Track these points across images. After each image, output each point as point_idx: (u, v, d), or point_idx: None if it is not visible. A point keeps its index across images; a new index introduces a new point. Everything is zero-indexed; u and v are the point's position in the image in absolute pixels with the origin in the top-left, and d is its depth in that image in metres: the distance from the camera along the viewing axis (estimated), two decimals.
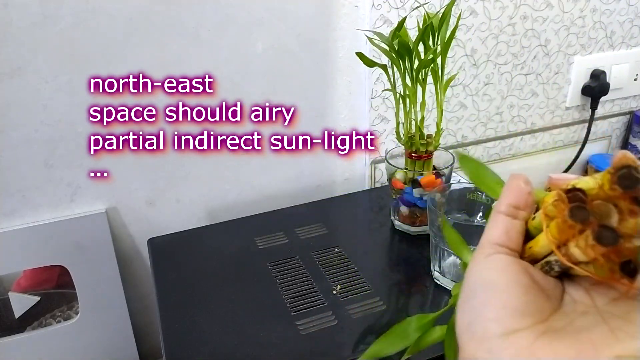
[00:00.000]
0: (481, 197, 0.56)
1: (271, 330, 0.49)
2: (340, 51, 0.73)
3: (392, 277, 0.57)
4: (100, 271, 0.70)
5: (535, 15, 0.81)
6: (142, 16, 0.61)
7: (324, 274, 0.57)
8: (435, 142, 0.60)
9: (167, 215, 0.74)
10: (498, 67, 0.83)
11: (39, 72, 0.60)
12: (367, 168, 0.82)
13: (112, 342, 0.74)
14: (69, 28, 0.59)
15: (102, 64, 0.62)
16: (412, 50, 0.54)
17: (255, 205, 0.78)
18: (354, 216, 0.72)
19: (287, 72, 0.71)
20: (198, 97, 0.68)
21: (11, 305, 0.68)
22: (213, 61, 0.67)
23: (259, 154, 0.75)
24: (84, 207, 0.69)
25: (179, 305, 0.53)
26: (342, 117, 0.77)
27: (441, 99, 0.58)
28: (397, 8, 0.71)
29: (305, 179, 0.80)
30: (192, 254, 0.62)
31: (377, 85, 0.75)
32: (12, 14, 0.56)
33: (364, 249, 0.62)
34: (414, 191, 0.60)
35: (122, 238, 0.73)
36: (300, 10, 0.68)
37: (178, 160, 0.71)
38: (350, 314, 0.51)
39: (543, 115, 0.92)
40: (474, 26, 0.78)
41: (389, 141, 0.80)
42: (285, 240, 0.64)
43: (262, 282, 0.56)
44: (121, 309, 0.73)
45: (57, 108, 0.62)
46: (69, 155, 0.65)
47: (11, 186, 0.64)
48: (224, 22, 0.65)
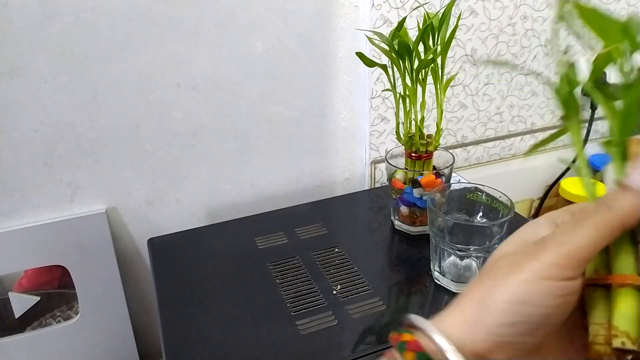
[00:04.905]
0: (481, 197, 0.56)
1: (271, 330, 0.49)
2: (340, 51, 0.73)
3: (392, 277, 0.57)
4: (100, 271, 0.70)
5: (535, 15, 0.81)
6: (142, 16, 0.61)
7: (324, 274, 0.57)
8: (435, 142, 0.60)
9: (167, 215, 0.74)
10: (498, 67, 0.83)
11: (39, 72, 0.60)
12: (367, 168, 0.82)
13: (112, 342, 0.74)
14: (69, 28, 0.59)
15: (102, 64, 0.62)
16: (412, 50, 0.54)
17: (255, 205, 0.78)
18: (354, 216, 0.72)
19: (287, 72, 0.71)
20: (197, 97, 0.68)
21: (11, 305, 0.68)
22: (213, 61, 0.67)
23: (259, 154, 0.75)
24: (84, 207, 0.69)
25: (179, 305, 0.53)
26: (342, 117, 0.77)
27: (441, 99, 0.58)
28: (397, 8, 0.71)
29: (305, 179, 0.80)
30: (192, 254, 0.62)
31: (377, 85, 0.75)
32: (12, 14, 0.56)
33: (364, 249, 0.62)
34: (414, 191, 0.60)
35: (122, 238, 0.73)
36: (301, 10, 0.68)
37: (178, 160, 0.71)
38: (350, 314, 0.51)
39: (543, 115, 0.92)
40: (474, 26, 0.78)
41: (389, 141, 0.80)
42: (285, 240, 0.64)
43: (262, 282, 0.56)
44: (121, 309, 0.73)
45: (56, 108, 0.62)
46: (68, 155, 0.65)
47: (11, 186, 0.64)
48: (224, 22, 0.65)
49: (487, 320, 0.24)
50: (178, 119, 0.68)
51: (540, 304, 0.23)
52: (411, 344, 0.24)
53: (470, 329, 0.24)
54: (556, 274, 0.23)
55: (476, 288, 0.25)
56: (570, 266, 0.23)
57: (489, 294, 0.24)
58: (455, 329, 0.24)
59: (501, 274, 0.24)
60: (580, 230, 0.24)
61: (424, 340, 0.24)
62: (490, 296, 0.24)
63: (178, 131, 0.69)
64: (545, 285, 0.23)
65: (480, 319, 0.24)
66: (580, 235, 0.24)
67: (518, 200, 0.96)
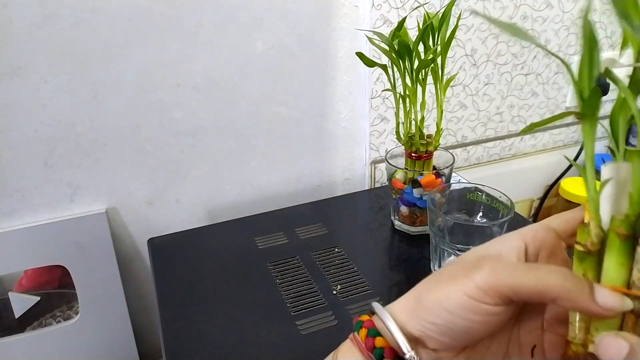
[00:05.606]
0: (481, 197, 0.56)
1: (271, 330, 0.49)
2: (340, 51, 0.73)
3: (392, 277, 0.57)
4: (100, 271, 0.70)
5: (535, 15, 0.81)
6: (142, 16, 0.61)
7: (324, 274, 0.57)
8: (435, 142, 0.60)
9: (167, 215, 0.74)
10: (498, 67, 0.83)
11: (39, 72, 0.60)
12: (367, 168, 0.82)
13: (112, 342, 0.74)
14: (69, 28, 0.59)
15: (102, 64, 0.62)
16: (412, 50, 0.54)
17: (255, 205, 0.78)
18: (354, 216, 0.72)
19: (287, 72, 0.71)
20: (197, 97, 0.68)
21: (11, 305, 0.68)
22: (213, 61, 0.67)
23: (259, 154, 0.75)
24: (84, 207, 0.69)
25: (179, 305, 0.53)
26: (342, 117, 0.77)
27: (441, 99, 0.58)
28: (397, 8, 0.71)
29: (305, 179, 0.80)
30: (192, 254, 0.62)
31: (377, 85, 0.75)
32: (12, 14, 0.56)
33: (364, 249, 0.62)
34: (414, 191, 0.60)
35: (122, 238, 0.73)
36: (301, 10, 0.68)
37: (178, 160, 0.71)
38: (351, 314, 0.51)
39: (543, 115, 0.92)
40: (474, 26, 0.78)
41: (389, 141, 0.80)
42: (285, 240, 0.64)
43: (262, 282, 0.56)
44: (121, 309, 0.73)
45: (56, 108, 0.62)
46: (68, 155, 0.65)
47: (11, 186, 0.64)
48: (224, 22, 0.65)
49: (418, 313, 0.27)
50: (178, 119, 0.68)
51: (461, 316, 0.25)
52: (366, 322, 0.29)
53: (409, 317, 0.27)
54: (478, 296, 0.25)
55: (424, 284, 0.28)
56: (493, 296, 0.25)
57: (426, 293, 0.27)
58: (400, 313, 0.28)
59: (442, 279, 0.27)
60: (522, 273, 0.24)
61: (377, 321, 0.28)
62: (426, 295, 0.27)
63: (178, 131, 0.69)
64: (467, 301, 0.25)
65: (415, 312, 0.27)
66: (518, 276, 0.24)
67: (518, 200, 0.96)
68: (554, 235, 0.28)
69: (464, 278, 0.25)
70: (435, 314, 0.26)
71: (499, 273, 0.25)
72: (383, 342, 0.27)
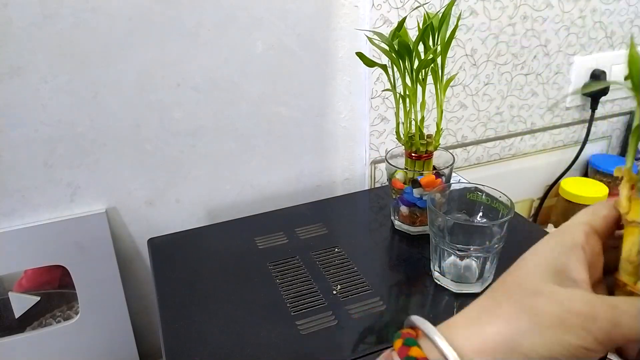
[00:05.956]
0: (481, 197, 0.55)
1: (271, 330, 0.49)
2: (340, 51, 0.73)
3: (392, 277, 0.57)
4: (100, 271, 0.70)
5: (535, 15, 0.81)
6: (142, 16, 0.61)
7: (324, 274, 0.57)
8: (435, 142, 0.60)
9: (167, 215, 0.74)
10: (498, 67, 0.83)
11: (38, 72, 0.60)
12: (367, 168, 0.82)
13: (112, 342, 0.74)
14: (69, 28, 0.59)
15: (102, 64, 0.62)
16: (412, 50, 0.54)
17: (255, 205, 0.78)
18: (354, 216, 0.72)
19: (287, 72, 0.71)
20: (197, 97, 0.68)
21: (11, 305, 0.68)
22: (213, 61, 0.67)
23: (259, 154, 0.75)
24: (84, 207, 0.69)
25: (179, 305, 0.53)
26: (342, 117, 0.78)
27: (441, 99, 0.58)
28: (397, 8, 0.71)
29: (305, 179, 0.80)
30: (192, 254, 0.62)
31: (377, 85, 0.75)
32: (12, 14, 0.56)
33: (364, 249, 0.62)
34: (414, 191, 0.60)
35: (122, 238, 0.73)
36: (301, 10, 0.68)
37: (178, 160, 0.71)
38: (350, 314, 0.51)
39: (543, 115, 0.92)
40: (474, 26, 0.78)
41: (389, 141, 0.80)
42: (285, 240, 0.64)
43: (262, 282, 0.56)
44: (121, 309, 0.73)
45: (56, 108, 0.62)
46: (68, 155, 0.65)
47: (11, 186, 0.64)
48: (224, 22, 0.65)
49: (511, 358, 0.24)
50: (178, 119, 0.68)
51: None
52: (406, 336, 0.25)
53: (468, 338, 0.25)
54: (596, 348, 0.24)
55: (507, 322, 0.25)
56: (609, 346, 0.24)
57: (522, 338, 0.24)
58: (469, 350, 0.24)
59: (542, 321, 0.24)
60: (634, 321, 0.24)
61: (428, 347, 0.24)
62: (521, 340, 0.24)
63: (178, 131, 0.69)
64: (582, 353, 0.24)
65: (507, 356, 0.24)
66: (634, 325, 0.23)
67: (518, 200, 0.96)
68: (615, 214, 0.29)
69: (580, 329, 0.24)
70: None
71: (619, 325, 0.24)
72: (419, 352, 0.25)
